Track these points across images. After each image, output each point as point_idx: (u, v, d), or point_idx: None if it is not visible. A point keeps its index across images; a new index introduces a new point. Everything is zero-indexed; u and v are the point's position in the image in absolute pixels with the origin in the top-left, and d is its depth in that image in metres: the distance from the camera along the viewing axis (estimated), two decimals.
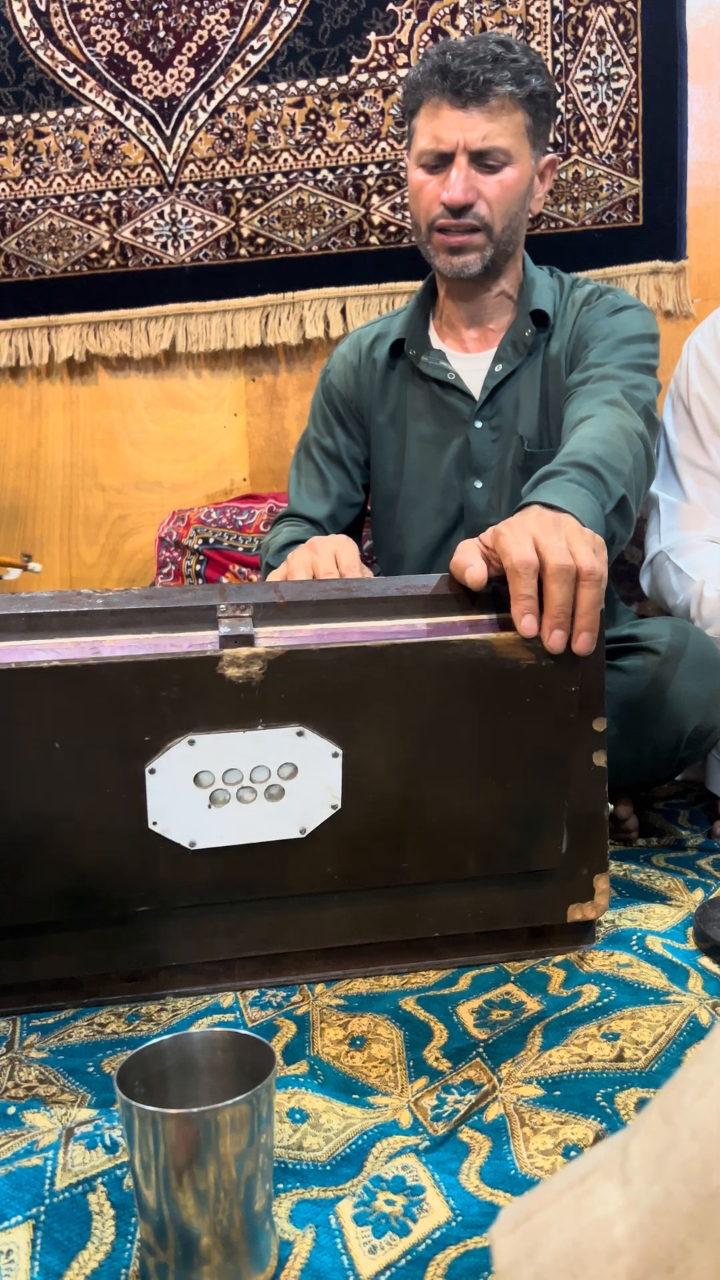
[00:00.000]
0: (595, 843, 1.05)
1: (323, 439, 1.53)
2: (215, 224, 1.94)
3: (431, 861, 0.99)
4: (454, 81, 1.30)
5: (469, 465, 1.44)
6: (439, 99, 1.32)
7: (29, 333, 2.04)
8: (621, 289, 1.46)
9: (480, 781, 0.98)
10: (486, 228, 1.35)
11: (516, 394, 1.42)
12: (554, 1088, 0.83)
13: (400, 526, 1.50)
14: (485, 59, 1.29)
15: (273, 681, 0.91)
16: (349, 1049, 0.91)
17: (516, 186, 1.35)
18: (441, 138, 1.32)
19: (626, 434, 1.18)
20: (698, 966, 1.02)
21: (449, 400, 1.45)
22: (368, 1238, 0.68)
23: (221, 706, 0.91)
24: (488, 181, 1.33)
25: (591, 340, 1.36)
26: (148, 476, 2.08)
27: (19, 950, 0.96)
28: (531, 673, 0.94)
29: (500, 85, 1.30)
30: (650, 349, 1.35)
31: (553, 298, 1.44)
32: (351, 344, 1.55)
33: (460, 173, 1.32)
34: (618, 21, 1.74)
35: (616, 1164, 0.38)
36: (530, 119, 1.34)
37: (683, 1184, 0.35)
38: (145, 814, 0.92)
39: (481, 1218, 0.70)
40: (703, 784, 1.54)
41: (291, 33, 1.85)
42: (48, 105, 1.96)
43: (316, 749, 0.93)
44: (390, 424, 1.50)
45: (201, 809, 0.93)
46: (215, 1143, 0.62)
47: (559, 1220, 0.38)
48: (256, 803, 0.94)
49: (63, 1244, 0.68)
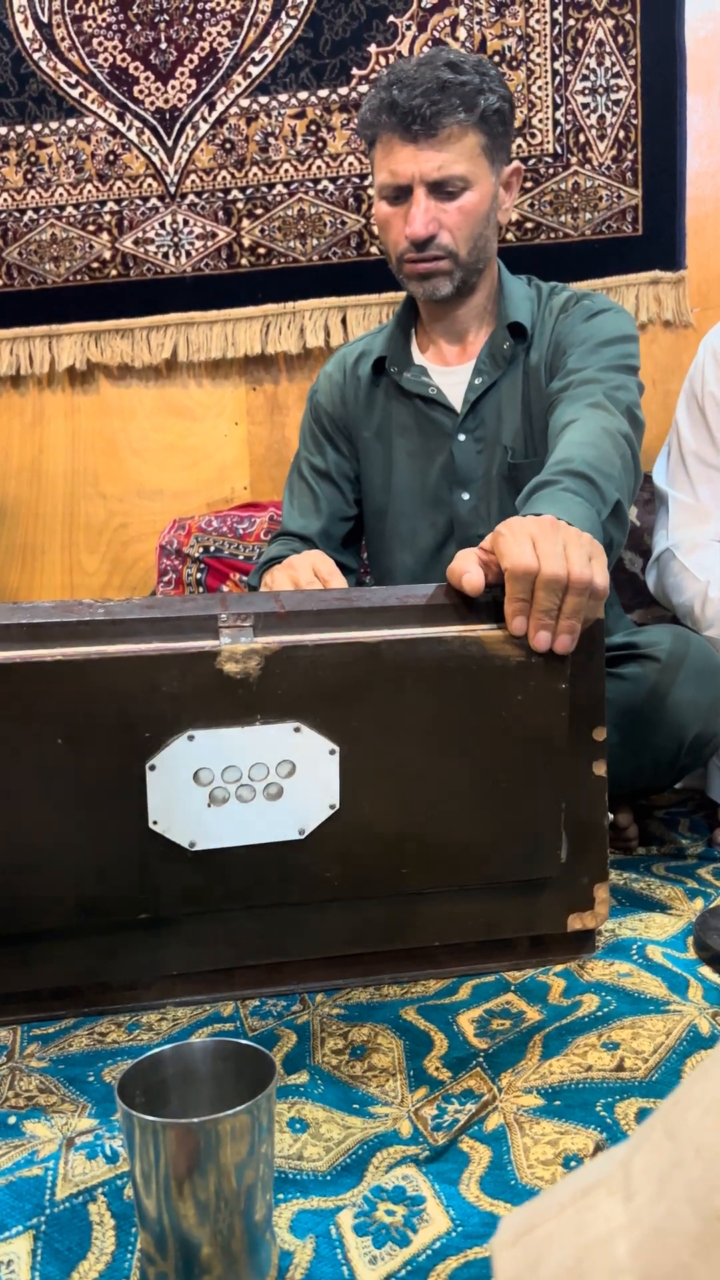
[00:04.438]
0: (595, 851, 1.05)
1: (313, 458, 1.54)
2: (216, 234, 1.94)
3: (431, 868, 0.99)
4: (401, 118, 1.29)
5: (455, 477, 1.44)
6: (390, 134, 1.32)
7: (31, 342, 2.05)
8: (599, 294, 1.45)
9: (476, 782, 0.98)
10: (451, 254, 1.35)
11: (498, 405, 1.43)
12: (554, 1097, 0.83)
13: (391, 540, 1.50)
14: (432, 89, 1.28)
15: (270, 677, 0.93)
16: (349, 1058, 0.91)
17: (478, 209, 1.35)
18: (397, 172, 1.32)
19: (612, 436, 1.18)
20: (698, 976, 1.02)
21: (432, 414, 1.45)
22: (368, 1248, 0.68)
23: (220, 702, 0.92)
24: (448, 209, 1.33)
25: (570, 346, 1.36)
26: (149, 485, 2.08)
27: (20, 959, 0.96)
28: (521, 669, 0.97)
29: (449, 115, 1.29)
30: (630, 349, 1.35)
31: (530, 308, 1.44)
32: (336, 363, 1.56)
33: (418, 206, 1.32)
34: (617, 33, 1.75)
35: (619, 1179, 0.38)
36: (485, 138, 1.33)
37: (687, 1204, 0.34)
38: (146, 814, 0.92)
39: (482, 1228, 0.70)
40: (703, 792, 1.54)
41: (293, 44, 1.86)
42: (50, 116, 1.97)
43: (314, 745, 0.95)
44: (377, 439, 1.50)
45: (201, 808, 0.93)
46: (216, 1152, 0.62)
47: (561, 1235, 0.38)
48: (255, 802, 0.94)
49: (63, 1254, 0.68)
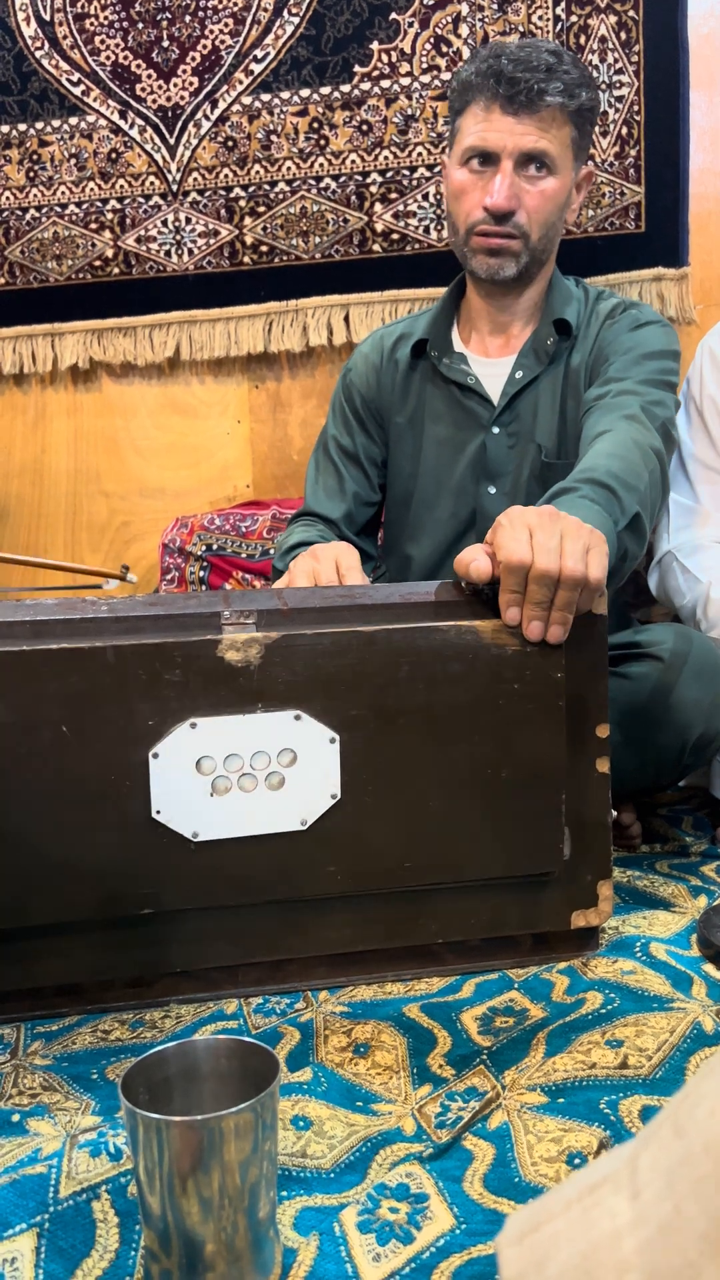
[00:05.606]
0: (599, 849, 1.05)
1: (341, 438, 1.53)
2: (219, 232, 1.94)
3: (433, 861, 0.99)
4: (507, 87, 1.30)
5: (484, 470, 1.44)
6: (490, 101, 1.32)
7: (33, 340, 2.05)
8: (646, 305, 1.46)
9: (476, 772, 0.99)
10: (524, 235, 1.36)
11: (536, 402, 1.42)
12: (558, 1095, 0.83)
13: (413, 528, 1.50)
14: (539, 68, 1.30)
15: (270, 665, 0.94)
16: (353, 1056, 0.90)
17: (556, 197, 1.36)
18: (489, 139, 1.33)
19: (642, 450, 1.18)
20: (701, 973, 1.02)
21: (468, 404, 1.45)
22: (371, 1245, 0.68)
23: (222, 690, 0.93)
24: (529, 190, 1.34)
25: (612, 354, 1.36)
26: (151, 483, 2.08)
27: (23, 956, 0.96)
28: (517, 658, 0.98)
29: (552, 96, 1.30)
30: (671, 365, 1.35)
31: (577, 308, 1.44)
32: (374, 343, 1.55)
33: (505, 179, 1.33)
34: (619, 29, 1.74)
35: (626, 1176, 0.38)
36: (576, 131, 1.35)
37: (695, 1201, 0.34)
38: (149, 803, 0.93)
39: (485, 1225, 0.70)
40: (706, 790, 1.54)
41: (295, 42, 1.85)
42: (52, 114, 1.97)
43: (314, 734, 0.95)
44: (409, 425, 1.50)
45: (204, 798, 0.94)
46: (219, 1150, 0.62)
47: (567, 1232, 0.37)
48: (258, 791, 0.95)
49: (67, 1251, 0.68)
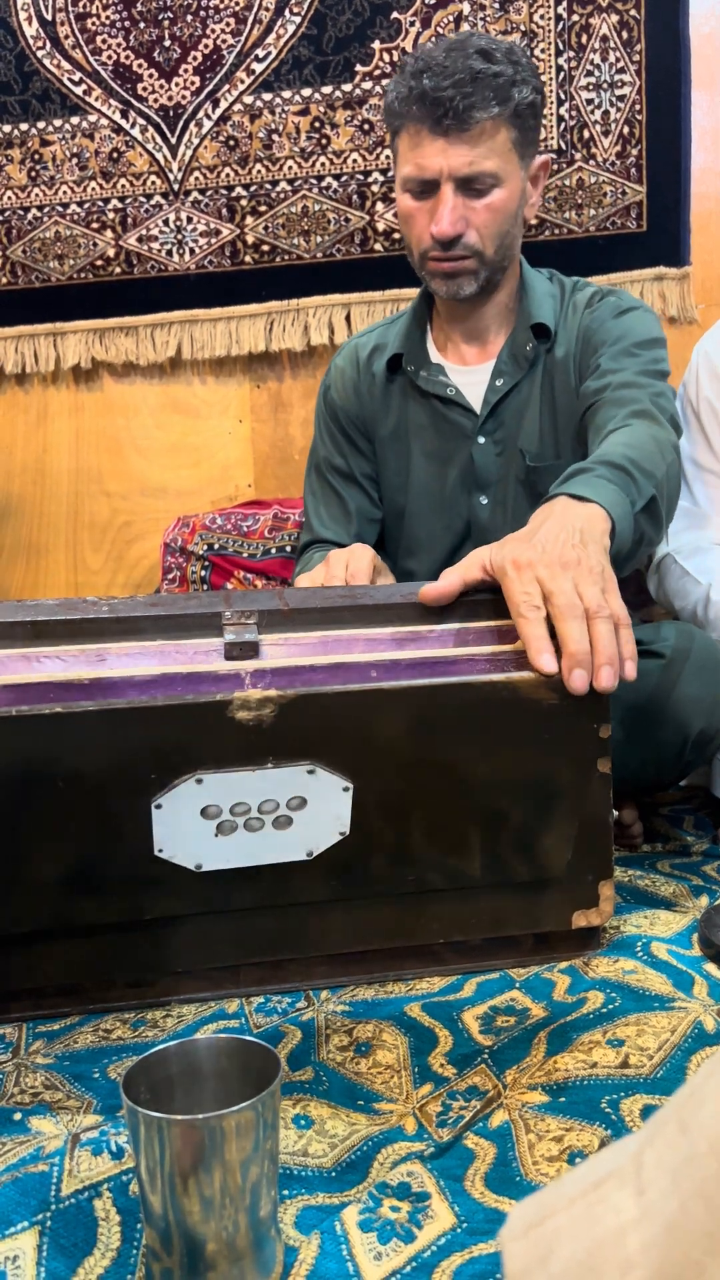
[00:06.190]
0: (600, 849, 1.05)
1: (333, 458, 1.50)
2: (220, 231, 1.94)
3: (437, 874, 0.99)
4: (431, 109, 1.22)
5: (474, 481, 1.42)
6: (419, 125, 1.25)
7: (35, 340, 2.05)
8: (624, 290, 1.44)
9: (493, 807, 0.98)
10: (478, 254, 1.31)
11: (519, 407, 1.40)
12: (559, 1094, 0.83)
13: (409, 541, 1.48)
14: (464, 79, 1.21)
15: (284, 723, 0.90)
16: (354, 1055, 0.90)
17: (506, 206, 1.30)
18: (425, 166, 1.26)
19: (660, 444, 1.16)
20: (703, 973, 1.02)
21: (451, 415, 1.42)
22: (373, 1244, 0.68)
23: (231, 747, 0.90)
24: (476, 207, 1.28)
25: (600, 344, 1.34)
26: (153, 483, 2.08)
27: (24, 956, 0.96)
28: (553, 712, 0.93)
29: (482, 109, 1.23)
30: (662, 354, 1.33)
31: (553, 305, 1.41)
32: (348, 356, 1.51)
33: (446, 204, 1.27)
34: (621, 29, 1.74)
35: (631, 1172, 0.38)
36: (517, 131, 1.28)
37: (700, 1200, 0.34)
38: (151, 842, 0.91)
39: (487, 1224, 0.70)
40: (707, 789, 1.54)
41: (296, 41, 1.85)
42: (53, 114, 1.97)
43: (327, 784, 0.92)
44: (394, 439, 1.47)
45: (208, 838, 0.92)
46: (221, 1149, 0.62)
47: (571, 1228, 0.37)
48: (264, 830, 0.93)
49: (68, 1250, 0.68)
